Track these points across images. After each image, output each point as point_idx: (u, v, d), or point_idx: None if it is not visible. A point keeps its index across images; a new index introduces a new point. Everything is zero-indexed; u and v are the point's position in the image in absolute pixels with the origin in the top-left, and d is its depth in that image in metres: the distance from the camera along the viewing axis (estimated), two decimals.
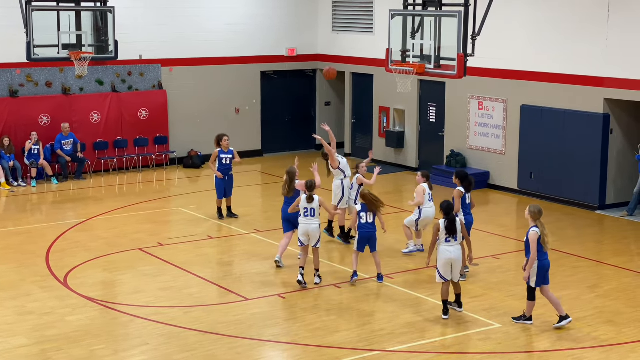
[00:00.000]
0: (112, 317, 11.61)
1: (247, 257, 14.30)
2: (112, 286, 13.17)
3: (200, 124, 22.79)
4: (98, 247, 14.94)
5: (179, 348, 10.54)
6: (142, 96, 21.84)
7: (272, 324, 11.26)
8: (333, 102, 25.03)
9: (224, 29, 22.80)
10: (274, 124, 24.21)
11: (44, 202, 18.86)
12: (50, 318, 11.48)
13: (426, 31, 15.11)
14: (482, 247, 14.86)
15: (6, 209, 18.16)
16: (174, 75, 22.30)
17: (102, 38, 17.85)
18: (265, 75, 23.80)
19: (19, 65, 19.96)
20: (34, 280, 13.08)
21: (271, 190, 19.98)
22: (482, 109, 19.90)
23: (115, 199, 18.75)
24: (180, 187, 20.49)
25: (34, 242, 15.22)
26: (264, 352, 10.61)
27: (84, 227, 16.38)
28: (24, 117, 20.31)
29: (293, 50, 23.95)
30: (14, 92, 20.29)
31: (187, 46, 22.35)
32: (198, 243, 14.89)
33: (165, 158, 22.29)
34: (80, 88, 21.12)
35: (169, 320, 11.43)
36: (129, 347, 10.64)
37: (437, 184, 20.02)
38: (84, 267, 13.74)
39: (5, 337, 10.78)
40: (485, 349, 10.58)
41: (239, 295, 12.47)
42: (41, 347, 10.51)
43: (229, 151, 16.74)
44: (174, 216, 17.53)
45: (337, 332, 11.08)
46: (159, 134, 22.11)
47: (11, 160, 19.77)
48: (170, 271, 13.60)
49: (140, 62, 21.80)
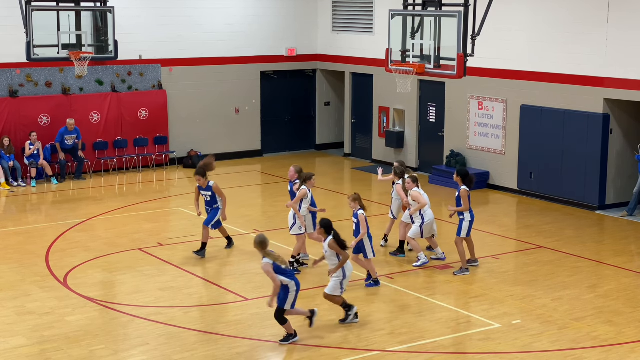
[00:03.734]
0: (112, 317, 11.60)
1: (247, 257, 14.29)
2: (112, 286, 13.17)
3: (200, 124, 22.79)
4: (98, 247, 14.94)
5: (178, 348, 10.54)
6: (142, 96, 21.84)
7: (272, 325, 11.24)
8: (333, 102, 25.03)
9: (224, 29, 22.80)
10: (273, 124, 24.21)
11: (43, 202, 18.85)
12: (50, 318, 11.47)
13: (426, 31, 15.11)
14: (482, 247, 14.86)
15: (6, 209, 18.16)
16: (173, 75, 22.30)
17: (102, 38, 17.85)
18: (265, 75, 23.80)
19: (19, 65, 19.95)
20: (34, 280, 13.07)
21: (271, 190, 19.98)
22: (482, 109, 19.90)
23: (115, 199, 18.75)
24: (179, 187, 20.48)
25: (33, 242, 15.22)
26: (263, 353, 10.61)
27: (83, 227, 16.38)
28: (24, 117, 20.31)
29: (293, 50, 23.95)
30: (13, 92, 20.29)
31: (186, 46, 22.35)
32: (198, 243, 14.87)
33: (165, 158, 22.29)
34: (80, 88, 21.12)
35: (168, 320, 11.43)
36: (129, 347, 10.64)
37: (436, 184, 20.08)
38: (83, 267, 13.74)
39: (5, 337, 10.77)
40: (485, 349, 10.58)
41: (238, 296, 12.47)
42: (41, 347, 10.51)
43: (207, 187, 14.29)
44: (174, 216, 17.53)
45: (337, 332, 11.07)
46: (159, 134, 22.11)
47: (11, 160, 19.77)
48: (170, 271, 13.60)
49: (140, 62, 21.80)
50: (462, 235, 13.49)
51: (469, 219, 13.49)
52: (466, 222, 13.48)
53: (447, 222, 15.69)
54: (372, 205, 18.12)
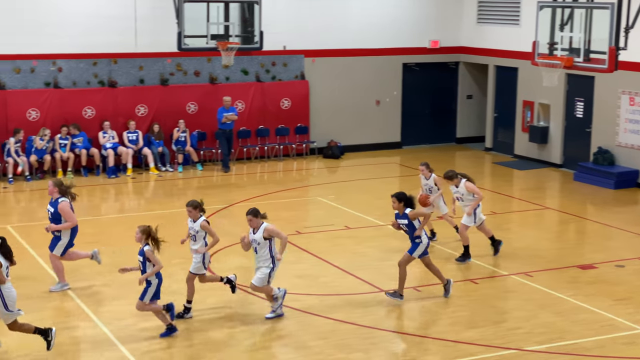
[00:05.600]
0: (250, 302, 11.88)
1: (383, 249, 14.28)
2: (250, 271, 13.44)
3: (340, 114, 22.95)
4: (238, 232, 15.23)
5: (314, 335, 10.67)
6: (285, 86, 22.22)
7: (409, 317, 11.20)
8: (475, 95, 24.62)
9: (367, 21, 22.83)
10: (414, 116, 24.07)
11: (189, 187, 19.51)
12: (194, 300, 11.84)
13: (576, 23, 14.64)
14: (629, 248, 14.24)
15: (154, 192, 18.93)
16: (316, 66, 22.55)
17: (248, 29, 18.30)
18: (406, 67, 23.68)
19: (170, 55, 20.71)
20: (177, 262, 13.52)
21: (408, 182, 19.90)
22: (633, 104, 19.04)
23: (256, 187, 19.17)
24: (319, 176, 20.71)
25: (178, 226, 15.74)
26: (399, 344, 10.59)
27: (226, 212, 16.84)
28: (173, 104, 21.06)
29: (436, 42, 23.71)
30: (164, 81, 21.09)
31: (330, 37, 22.53)
32: (335, 233, 15.01)
33: (306, 148, 22.60)
34: (226, 77, 21.71)
35: (305, 307, 11.59)
36: (266, 332, 10.87)
37: (582, 182, 19.40)
38: (224, 252, 14.11)
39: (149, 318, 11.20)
40: (630, 353, 10.14)
41: (374, 286, 12.49)
42: (184, 325, 10.87)
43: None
44: (312, 205, 17.74)
45: (473, 328, 10.91)
46: (300, 123, 22.43)
47: (160, 146, 20.57)
48: (307, 259, 13.78)
49: (284, 53, 22.16)
50: (414, 255, 11.85)
51: (426, 241, 11.90)
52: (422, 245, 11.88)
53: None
54: (513, 201, 17.72)
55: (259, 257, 11.05)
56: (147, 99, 20.78)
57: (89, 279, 12.63)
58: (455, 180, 13.57)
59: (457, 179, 13.58)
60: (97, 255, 12.69)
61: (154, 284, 10.52)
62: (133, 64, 20.71)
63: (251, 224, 11.03)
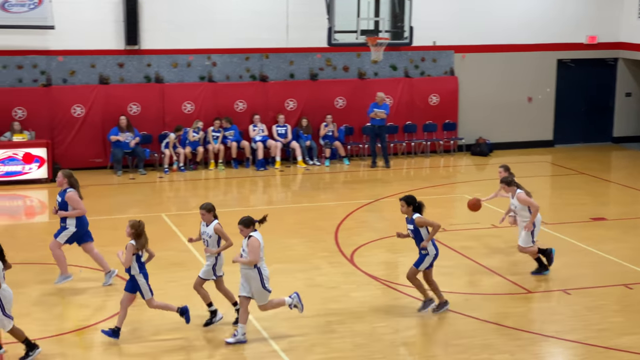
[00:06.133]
0: (394, 297, 11.83)
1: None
2: (395, 267, 13.43)
3: (490, 111, 22.49)
4: (383, 227, 15.30)
5: (456, 334, 10.51)
6: (433, 82, 21.99)
7: (555, 320, 10.84)
8: (634, 93, 23.51)
9: (519, 16, 22.25)
10: (568, 114, 23.25)
11: (335, 181, 19.67)
12: (335, 292, 11.95)
13: None
14: None
15: (301, 185, 19.22)
16: (466, 62, 22.19)
17: (398, 24, 18.22)
18: (561, 64, 22.91)
19: (320, 50, 20.94)
20: (323, 255, 13.68)
21: (559, 182, 19.25)
22: None
23: (403, 182, 19.09)
24: (466, 174, 20.39)
25: (324, 219, 15.92)
26: (545, 348, 10.26)
27: (371, 207, 16.86)
28: (322, 99, 21.30)
29: (594, 38, 22.80)
30: (313, 76, 21.35)
31: (480, 33, 22.12)
32: (481, 231, 14.71)
33: (453, 144, 22.30)
34: (374, 73, 21.73)
35: (450, 305, 11.41)
36: (408, 327, 10.80)
37: None
38: (369, 247, 14.13)
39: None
40: None
41: (521, 287, 12.15)
42: (327, 318, 10.97)
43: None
44: (459, 202, 17.48)
45: (625, 335, 10.42)
46: (448, 120, 22.15)
47: (308, 140, 20.85)
48: (451, 257, 13.57)
49: (433, 49, 21.94)
50: (420, 269, 11.13)
51: (434, 253, 11.12)
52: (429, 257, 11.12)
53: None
54: None
55: None
56: (296, 94, 21.12)
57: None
58: (512, 188, 12.47)
59: (513, 187, 12.48)
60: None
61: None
62: (284, 59, 21.08)
63: (242, 233, 10.29)
